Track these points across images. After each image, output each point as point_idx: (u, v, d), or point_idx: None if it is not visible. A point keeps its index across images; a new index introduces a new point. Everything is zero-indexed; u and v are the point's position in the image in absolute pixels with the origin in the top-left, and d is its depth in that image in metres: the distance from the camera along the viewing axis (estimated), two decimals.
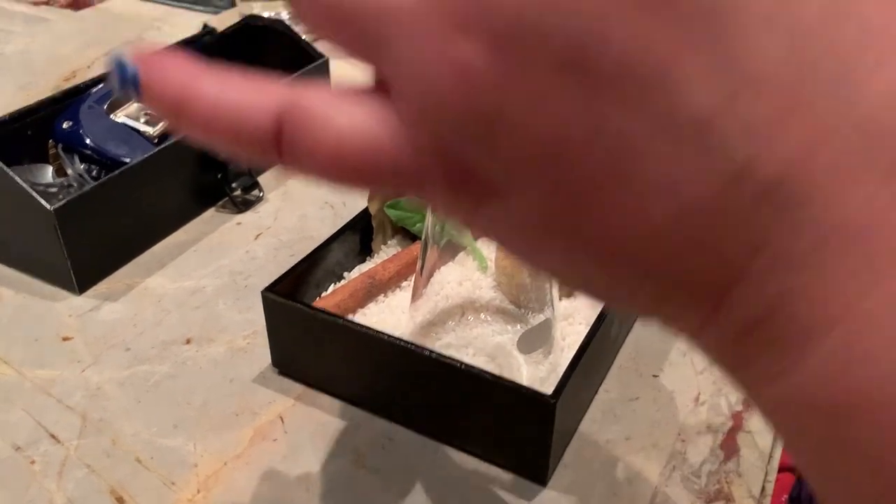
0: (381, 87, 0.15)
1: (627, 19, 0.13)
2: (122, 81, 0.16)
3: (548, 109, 0.13)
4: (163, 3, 0.89)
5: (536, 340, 0.38)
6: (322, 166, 0.15)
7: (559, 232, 0.14)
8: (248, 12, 0.82)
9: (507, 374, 0.36)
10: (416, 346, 0.35)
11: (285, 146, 0.15)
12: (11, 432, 0.38)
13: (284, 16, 0.83)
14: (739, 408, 0.39)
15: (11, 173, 0.43)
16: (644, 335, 0.43)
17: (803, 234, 0.13)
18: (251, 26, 0.63)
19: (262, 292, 0.38)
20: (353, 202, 0.52)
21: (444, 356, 0.35)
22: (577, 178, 0.14)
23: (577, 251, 0.15)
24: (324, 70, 0.61)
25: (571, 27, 0.13)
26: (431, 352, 0.35)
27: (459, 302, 0.39)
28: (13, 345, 0.43)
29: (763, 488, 0.36)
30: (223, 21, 0.82)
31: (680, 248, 0.14)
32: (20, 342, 0.43)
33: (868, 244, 0.13)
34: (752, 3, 0.13)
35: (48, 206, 0.43)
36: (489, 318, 0.39)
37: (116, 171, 0.47)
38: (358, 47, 0.15)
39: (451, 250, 0.39)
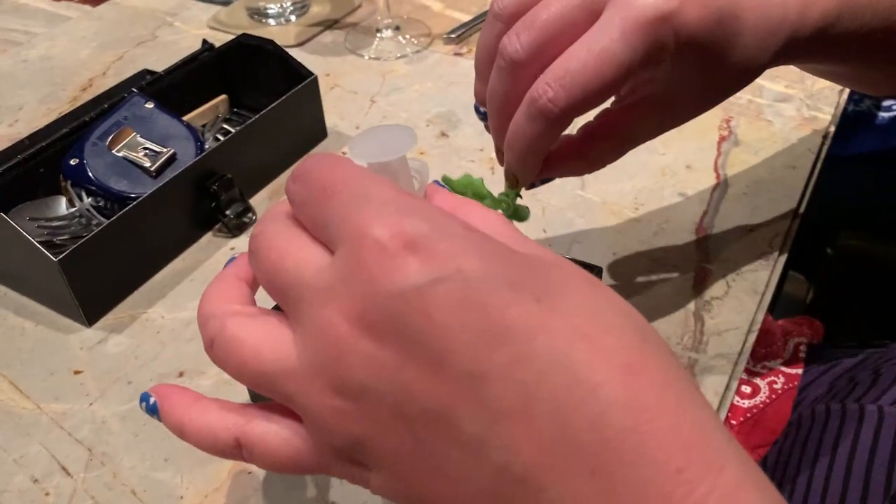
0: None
1: (425, 383, 0.21)
2: (149, 410, 0.28)
3: (390, 432, 0.22)
4: None
5: None
6: (270, 466, 0.26)
7: (411, 496, 0.24)
8: (253, 4, 0.85)
9: None
10: None
11: (244, 456, 0.26)
12: (31, 465, 0.44)
13: (288, 5, 0.85)
14: None
15: (18, 228, 0.49)
16: None
17: None
18: (244, 45, 0.66)
19: None
20: None
21: None
22: (415, 468, 0.23)
23: None
24: (313, 88, 0.64)
25: (395, 390, 0.22)
26: None
27: None
28: (34, 378, 0.49)
29: None
30: (231, 15, 0.85)
31: None
32: (39, 375, 0.49)
33: None
34: (495, 368, 0.21)
35: (53, 257, 0.48)
36: None
37: (116, 216, 0.52)
38: (280, 400, 0.25)
39: None
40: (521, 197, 0.40)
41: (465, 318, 0.21)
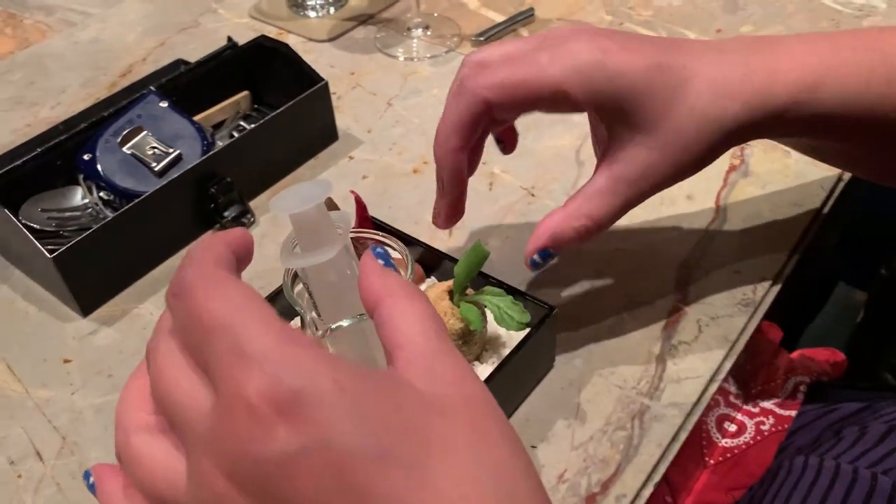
0: None
1: None
2: (89, 489, 0.28)
3: None
4: None
5: None
6: None
7: None
8: None
9: None
10: None
11: None
12: (10, 447, 0.48)
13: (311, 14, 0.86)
14: (597, 489, 0.44)
15: (17, 223, 0.52)
16: (538, 404, 0.47)
17: None
18: (263, 46, 0.68)
19: None
20: None
21: None
22: None
23: None
24: (324, 93, 0.65)
25: None
26: None
27: None
28: (28, 363, 0.53)
29: None
30: (272, 5, 0.87)
31: None
32: (33, 361, 0.53)
33: None
34: None
35: (48, 254, 0.52)
36: None
37: (114, 215, 0.55)
38: None
39: None
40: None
41: (329, 491, 0.22)
